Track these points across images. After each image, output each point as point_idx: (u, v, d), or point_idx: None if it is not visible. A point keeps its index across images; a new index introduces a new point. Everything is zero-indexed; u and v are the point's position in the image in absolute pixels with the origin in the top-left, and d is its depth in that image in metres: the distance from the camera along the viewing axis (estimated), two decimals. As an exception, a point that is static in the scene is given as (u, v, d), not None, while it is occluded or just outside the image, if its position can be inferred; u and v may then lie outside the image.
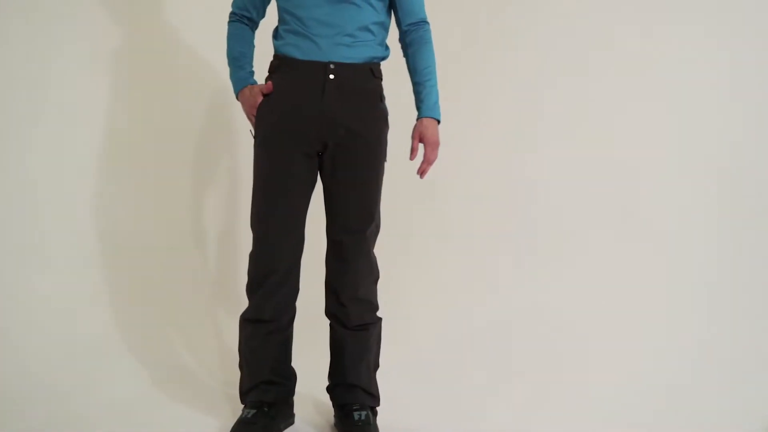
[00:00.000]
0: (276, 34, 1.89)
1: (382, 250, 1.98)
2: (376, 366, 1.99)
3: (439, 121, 1.88)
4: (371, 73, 1.85)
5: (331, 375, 1.97)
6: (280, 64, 1.84)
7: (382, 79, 1.90)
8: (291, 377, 1.96)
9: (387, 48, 1.91)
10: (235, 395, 2.00)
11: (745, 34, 2.70)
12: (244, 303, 1.92)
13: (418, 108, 1.89)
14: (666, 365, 2.37)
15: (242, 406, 1.91)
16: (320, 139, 1.81)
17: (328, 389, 1.98)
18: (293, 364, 1.98)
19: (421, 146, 1.87)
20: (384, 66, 1.91)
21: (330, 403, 1.98)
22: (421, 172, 1.87)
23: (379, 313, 1.98)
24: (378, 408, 1.96)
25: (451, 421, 2.02)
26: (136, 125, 2.52)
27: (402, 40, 1.93)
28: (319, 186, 1.91)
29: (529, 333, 2.56)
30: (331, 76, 1.79)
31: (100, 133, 2.44)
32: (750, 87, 2.70)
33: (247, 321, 1.90)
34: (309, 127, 1.80)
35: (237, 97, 1.92)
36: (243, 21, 1.94)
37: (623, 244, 2.72)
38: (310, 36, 1.79)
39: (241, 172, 2.70)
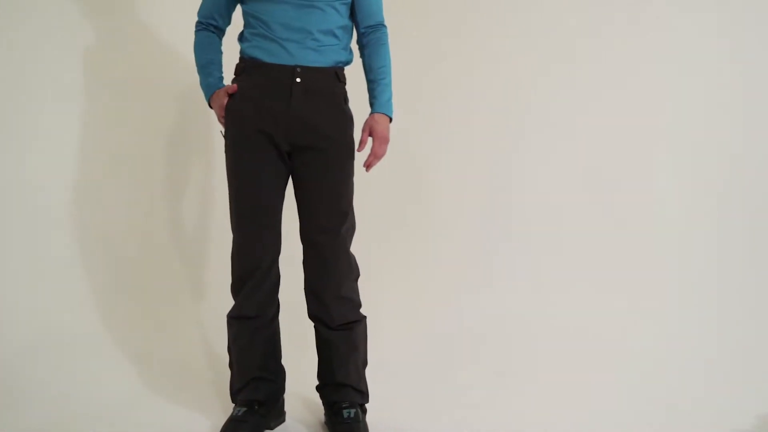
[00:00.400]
0: (242, 37, 1.92)
1: (370, 248, 1.99)
2: (365, 363, 1.99)
3: (390, 119, 1.92)
4: (336, 77, 1.89)
5: (320, 375, 1.97)
6: (246, 67, 1.88)
7: (345, 83, 1.94)
8: (280, 374, 1.98)
9: (351, 52, 1.95)
10: (226, 394, 2.01)
11: (744, 30, 2.66)
12: (228, 301, 1.94)
13: (371, 104, 1.93)
14: (655, 364, 2.35)
15: (233, 405, 1.92)
16: (288, 139, 1.85)
17: (318, 388, 1.98)
18: (283, 363, 1.99)
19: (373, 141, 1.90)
20: (351, 71, 1.95)
21: (320, 401, 1.98)
22: (367, 165, 1.91)
23: (367, 311, 1.98)
24: (367, 405, 1.96)
25: (439, 419, 2.01)
26: (112, 124, 2.52)
27: (359, 41, 1.97)
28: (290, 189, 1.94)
29: (518, 331, 2.55)
30: (298, 80, 1.82)
31: (76, 133, 2.44)
32: (750, 82, 2.66)
33: (233, 319, 1.93)
34: (277, 128, 1.83)
35: (209, 104, 1.96)
36: (209, 29, 1.97)
37: (615, 244, 2.70)
38: (277, 40, 1.83)
39: (219, 170, 2.66)
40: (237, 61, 1.92)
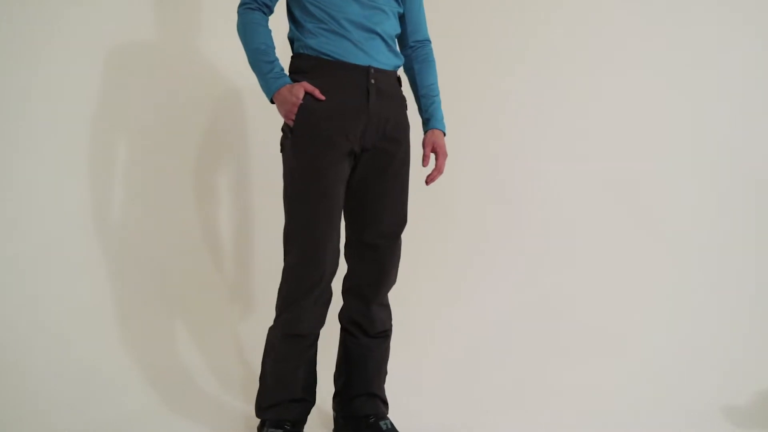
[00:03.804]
0: (303, 30, 1.80)
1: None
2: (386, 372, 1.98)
3: (445, 134, 1.93)
4: (398, 80, 1.89)
5: (349, 386, 1.90)
6: (317, 65, 1.77)
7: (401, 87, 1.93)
8: (314, 393, 1.91)
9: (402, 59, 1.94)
10: (249, 408, 1.97)
11: (748, 32, 2.71)
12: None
13: (427, 120, 1.93)
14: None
15: (257, 420, 1.87)
16: (362, 142, 1.79)
17: (343, 401, 1.92)
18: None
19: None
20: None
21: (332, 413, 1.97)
22: (431, 180, 1.89)
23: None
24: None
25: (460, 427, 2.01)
26: (144, 125, 2.46)
27: (407, 54, 1.96)
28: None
29: (537, 334, 2.55)
30: (373, 81, 1.78)
31: (108, 133, 2.39)
32: (754, 83, 2.70)
33: (283, 336, 1.81)
34: (354, 130, 1.77)
35: (271, 99, 1.78)
36: (263, 9, 1.81)
37: (632, 245, 2.70)
38: (349, 38, 1.76)
39: (252, 176, 2.60)
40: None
